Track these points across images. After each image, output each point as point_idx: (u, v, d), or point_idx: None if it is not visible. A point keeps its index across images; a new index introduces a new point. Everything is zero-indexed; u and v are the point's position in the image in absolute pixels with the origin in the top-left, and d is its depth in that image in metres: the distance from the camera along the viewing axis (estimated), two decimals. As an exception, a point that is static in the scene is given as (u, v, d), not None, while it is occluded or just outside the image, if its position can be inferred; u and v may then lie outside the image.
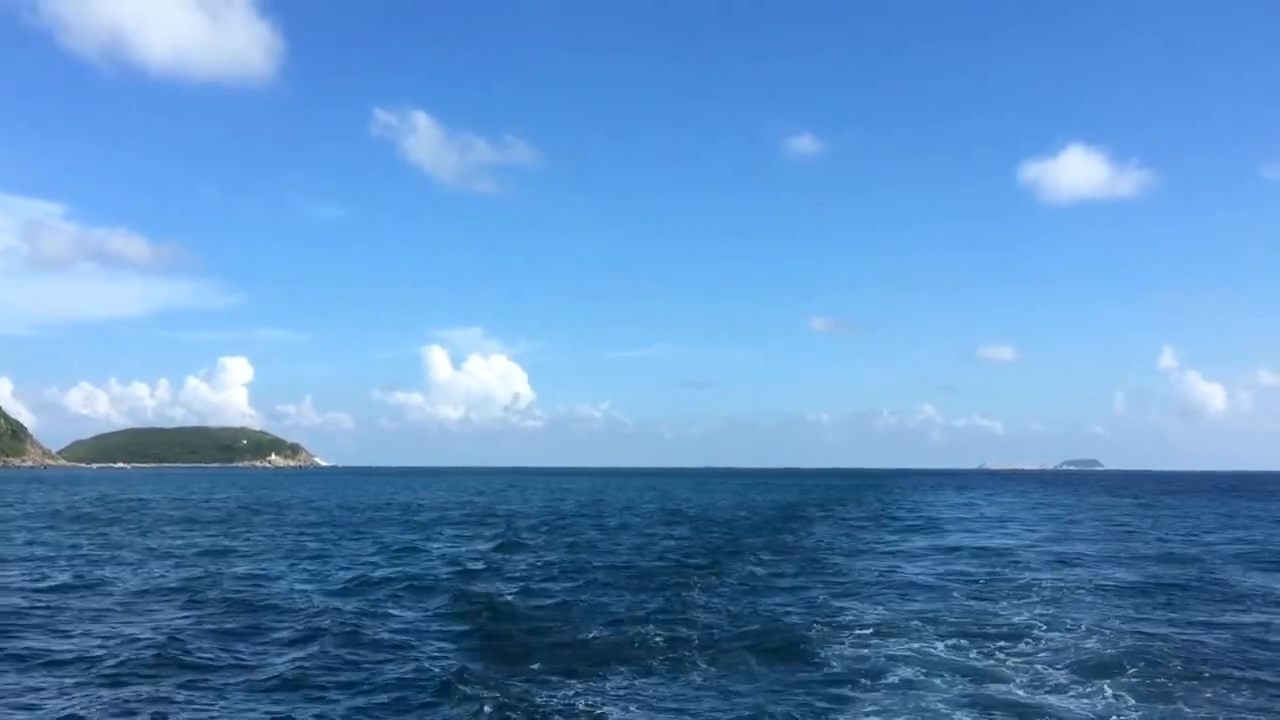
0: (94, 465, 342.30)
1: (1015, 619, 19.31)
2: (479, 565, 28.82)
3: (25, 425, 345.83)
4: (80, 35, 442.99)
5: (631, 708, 12.98)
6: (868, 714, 12.73)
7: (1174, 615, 20.25)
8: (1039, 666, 15.21)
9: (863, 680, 14.28)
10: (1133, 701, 13.17)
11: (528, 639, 17.27)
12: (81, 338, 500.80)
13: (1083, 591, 23.53)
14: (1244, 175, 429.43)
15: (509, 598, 21.98)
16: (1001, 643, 16.94)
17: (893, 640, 17.13)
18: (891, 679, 14.35)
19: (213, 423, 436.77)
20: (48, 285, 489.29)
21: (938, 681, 14.20)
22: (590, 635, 17.60)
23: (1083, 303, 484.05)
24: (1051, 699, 13.36)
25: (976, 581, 25.29)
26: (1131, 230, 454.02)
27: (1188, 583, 25.38)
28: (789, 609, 20.56)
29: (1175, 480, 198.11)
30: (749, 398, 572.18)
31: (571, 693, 13.63)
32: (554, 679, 14.37)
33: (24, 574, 26.22)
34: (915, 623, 18.75)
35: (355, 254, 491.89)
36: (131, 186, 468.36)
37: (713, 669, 15.12)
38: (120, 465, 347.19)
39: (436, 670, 14.75)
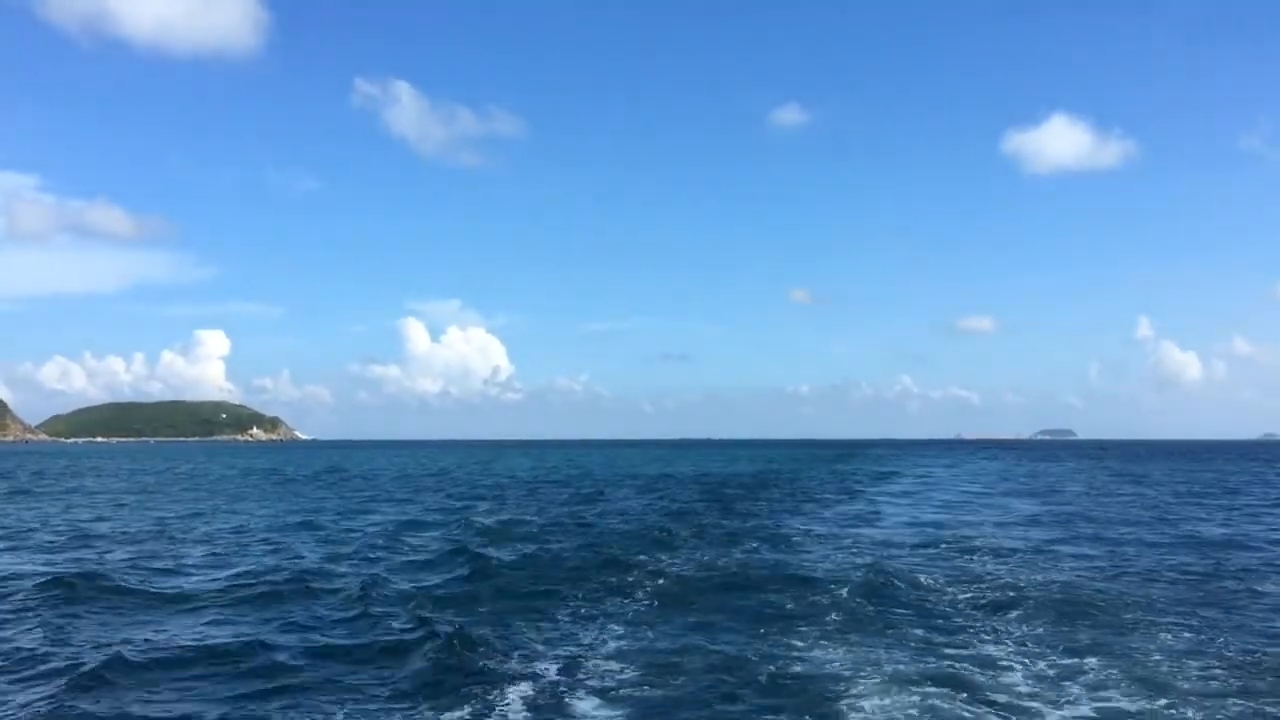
0: (74, 440, 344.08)
1: (960, 565, 23.92)
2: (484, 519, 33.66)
3: (4, 400, 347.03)
4: (62, 9, 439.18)
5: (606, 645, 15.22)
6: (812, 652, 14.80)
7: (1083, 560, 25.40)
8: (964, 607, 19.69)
9: (817, 621, 16.82)
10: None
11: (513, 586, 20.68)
12: (57, 311, 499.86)
13: (1013, 544, 28.71)
14: (1222, 145, 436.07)
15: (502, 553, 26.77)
16: (933, 591, 21.54)
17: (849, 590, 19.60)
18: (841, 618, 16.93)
19: (189, 397, 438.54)
20: (22, 258, 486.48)
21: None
22: (560, 581, 20.74)
23: (1063, 273, 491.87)
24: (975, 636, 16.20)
25: (929, 536, 30.37)
26: (1113, 200, 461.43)
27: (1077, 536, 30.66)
28: (757, 560, 25.42)
29: (1137, 448, 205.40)
30: (728, 370, 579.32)
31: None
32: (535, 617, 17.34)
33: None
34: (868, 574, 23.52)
35: (334, 226, 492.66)
36: (110, 159, 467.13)
37: (684, 611, 17.96)
38: (101, 440, 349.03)
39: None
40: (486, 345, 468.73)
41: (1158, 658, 14.62)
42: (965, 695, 12.58)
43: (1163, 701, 12.47)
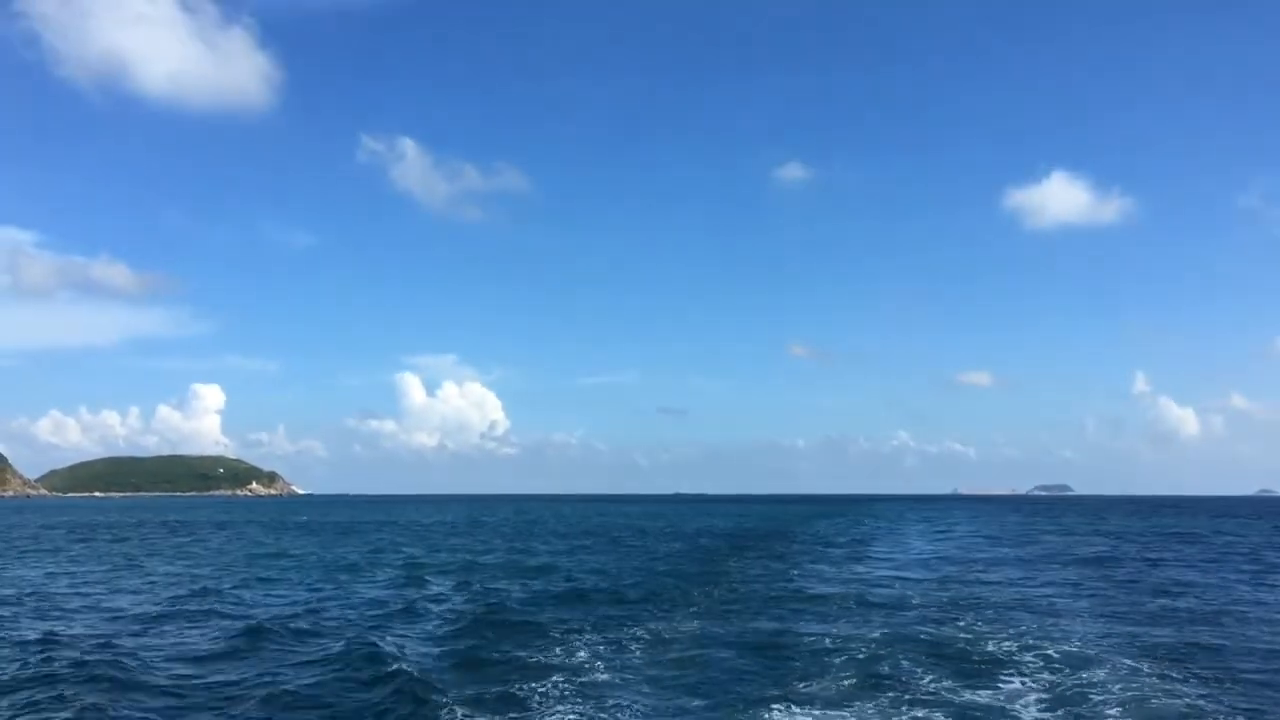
0: (71, 494, 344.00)
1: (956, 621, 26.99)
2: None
3: (3, 454, 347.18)
4: (76, 66, 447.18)
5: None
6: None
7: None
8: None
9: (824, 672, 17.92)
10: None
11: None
12: (53, 366, 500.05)
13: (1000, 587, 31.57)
14: (1220, 202, 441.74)
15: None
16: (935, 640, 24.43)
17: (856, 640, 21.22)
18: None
19: (184, 450, 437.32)
20: (21, 313, 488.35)
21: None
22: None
23: (1061, 328, 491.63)
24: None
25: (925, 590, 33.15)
26: (1112, 256, 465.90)
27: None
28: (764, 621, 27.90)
29: (1115, 503, 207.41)
30: (725, 424, 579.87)
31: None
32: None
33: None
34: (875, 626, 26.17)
35: (333, 282, 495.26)
36: (116, 216, 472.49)
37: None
38: (99, 494, 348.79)
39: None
40: (483, 399, 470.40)
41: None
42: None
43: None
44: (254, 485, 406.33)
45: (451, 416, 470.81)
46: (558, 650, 19.72)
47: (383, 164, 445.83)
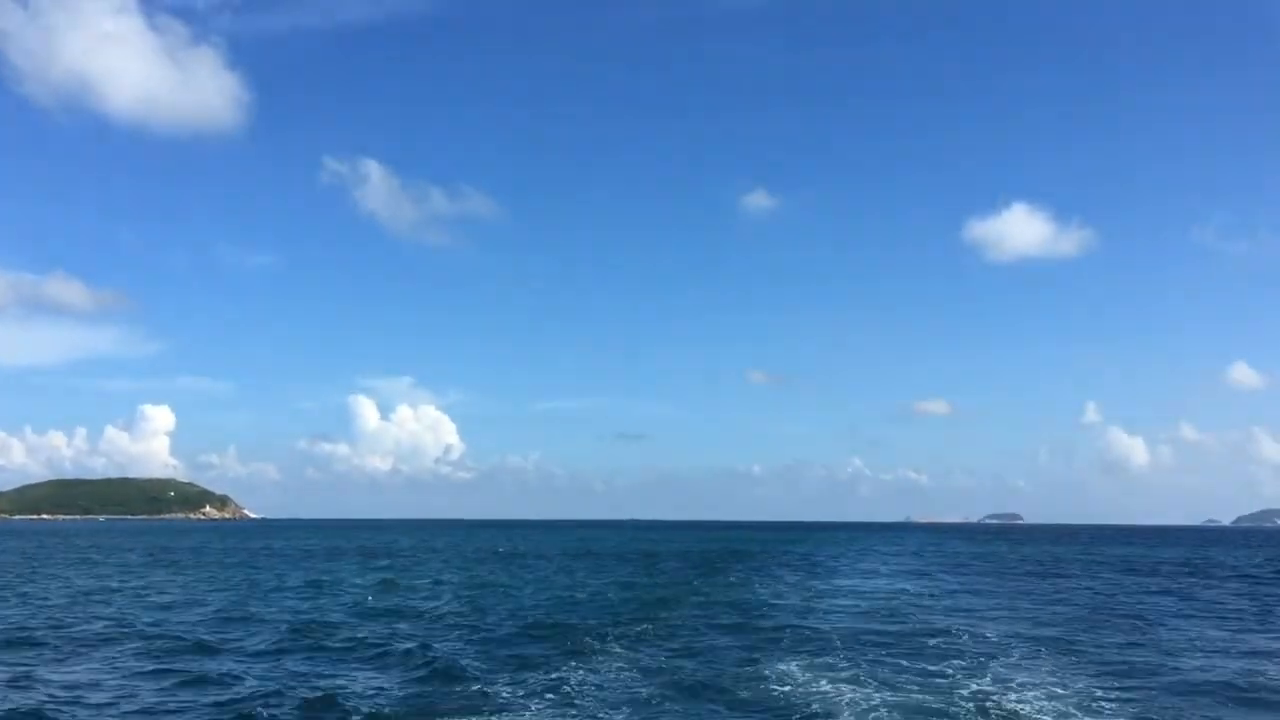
0: (18, 517, 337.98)
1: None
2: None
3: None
4: (41, 85, 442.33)
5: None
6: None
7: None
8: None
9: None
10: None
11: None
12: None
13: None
14: (1176, 236, 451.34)
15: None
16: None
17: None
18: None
19: (133, 473, 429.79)
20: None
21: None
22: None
23: (1017, 358, 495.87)
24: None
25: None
26: (1070, 287, 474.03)
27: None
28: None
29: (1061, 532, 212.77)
30: (683, 450, 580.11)
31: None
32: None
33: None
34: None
35: (289, 303, 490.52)
36: (74, 234, 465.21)
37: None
38: (46, 517, 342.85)
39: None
40: (438, 423, 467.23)
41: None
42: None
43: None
44: (207, 509, 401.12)
45: (406, 440, 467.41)
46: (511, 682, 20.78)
47: (346, 185, 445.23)
